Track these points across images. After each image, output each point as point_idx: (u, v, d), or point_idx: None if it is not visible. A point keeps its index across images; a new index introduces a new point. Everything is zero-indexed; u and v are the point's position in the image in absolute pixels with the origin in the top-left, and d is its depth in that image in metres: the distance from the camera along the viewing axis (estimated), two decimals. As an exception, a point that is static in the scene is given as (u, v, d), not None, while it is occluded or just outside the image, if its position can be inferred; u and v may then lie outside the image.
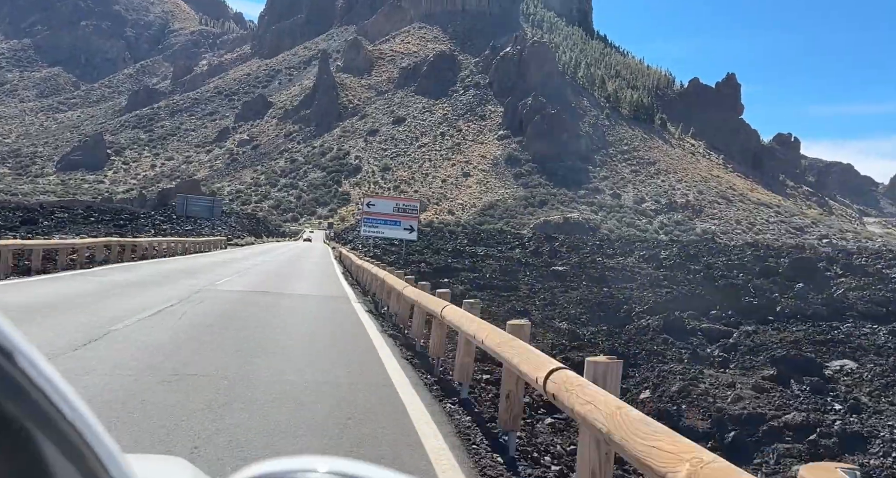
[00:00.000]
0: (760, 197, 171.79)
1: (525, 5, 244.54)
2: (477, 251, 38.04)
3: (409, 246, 36.65)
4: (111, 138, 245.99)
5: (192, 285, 15.33)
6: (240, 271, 22.14)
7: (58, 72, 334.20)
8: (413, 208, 34.23)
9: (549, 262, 33.05)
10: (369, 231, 34.38)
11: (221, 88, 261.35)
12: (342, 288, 19.53)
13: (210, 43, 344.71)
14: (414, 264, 32.35)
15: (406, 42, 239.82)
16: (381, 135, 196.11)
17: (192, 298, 12.46)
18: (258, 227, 68.67)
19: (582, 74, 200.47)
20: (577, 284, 30.47)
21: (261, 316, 10.69)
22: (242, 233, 48.73)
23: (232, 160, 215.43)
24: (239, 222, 54.25)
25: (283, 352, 7.71)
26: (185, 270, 21.61)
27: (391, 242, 40.58)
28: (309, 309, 12.39)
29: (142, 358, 6.59)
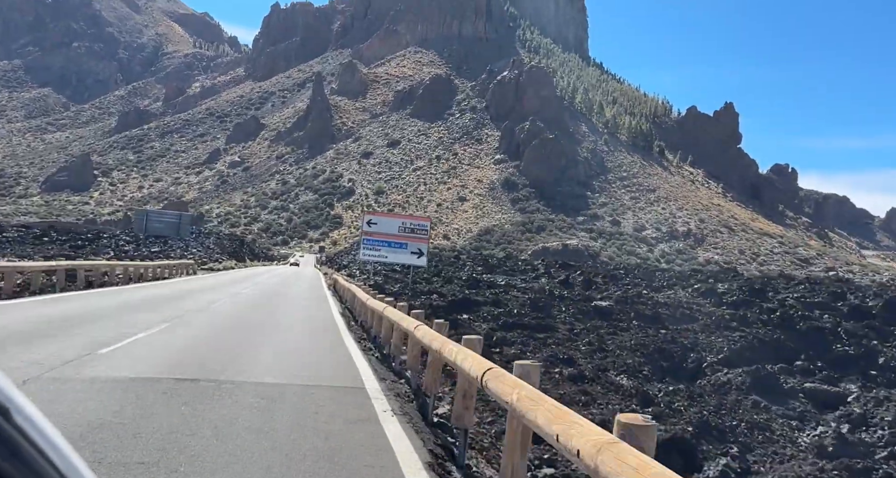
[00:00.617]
0: (762, 227, 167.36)
1: (522, 31, 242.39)
2: (496, 280, 32.11)
3: (417, 273, 30.69)
4: (99, 159, 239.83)
5: (37, 359, 7.95)
6: (180, 316, 14.54)
7: (47, 93, 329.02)
8: (423, 228, 28.26)
9: (587, 295, 27.21)
10: (370, 255, 28.36)
11: (213, 110, 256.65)
12: (349, 355, 11.16)
13: (203, 66, 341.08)
14: (423, 296, 26.41)
15: (401, 65, 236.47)
16: (375, 157, 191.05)
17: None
18: (241, 249, 61.84)
19: (580, 100, 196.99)
20: (626, 324, 24.44)
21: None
22: (222, 256, 42.61)
23: (222, 182, 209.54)
24: (219, 244, 47.80)
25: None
26: (81, 315, 13.52)
27: (395, 268, 34.73)
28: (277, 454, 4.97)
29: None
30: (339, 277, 28.16)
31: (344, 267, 42.12)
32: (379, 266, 34.73)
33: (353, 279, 29.63)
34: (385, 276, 32.18)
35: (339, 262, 54.03)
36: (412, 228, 27.98)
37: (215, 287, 27.15)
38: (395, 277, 32.13)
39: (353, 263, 42.92)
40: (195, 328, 12.75)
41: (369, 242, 28.35)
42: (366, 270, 34.18)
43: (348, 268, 39.37)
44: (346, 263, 45.86)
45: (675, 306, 24.91)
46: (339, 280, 27.45)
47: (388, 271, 34.16)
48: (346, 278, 28.26)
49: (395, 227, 28.00)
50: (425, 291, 26.97)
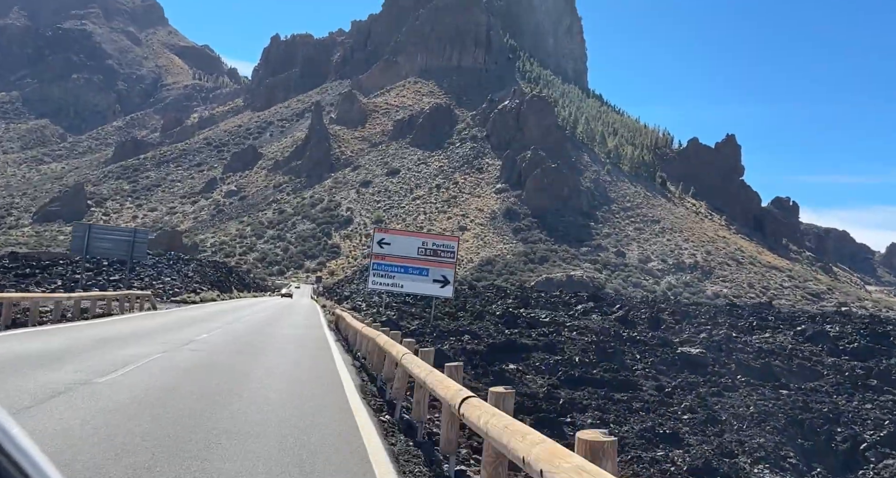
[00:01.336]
0: (770, 260, 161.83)
1: (521, 63, 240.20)
2: (538, 316, 25.80)
3: (438, 306, 24.48)
4: (93, 189, 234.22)
5: None
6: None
7: (45, 124, 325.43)
8: (449, 250, 22.15)
9: (662, 337, 20.99)
10: (381, 283, 22.16)
11: (211, 139, 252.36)
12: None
13: (203, 97, 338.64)
14: (451, 337, 20.10)
15: (401, 95, 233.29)
16: (374, 186, 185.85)
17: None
18: (228, 278, 54.84)
19: (581, 129, 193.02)
20: (729, 380, 18.17)
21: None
22: (202, 285, 36.33)
23: (218, 211, 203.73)
24: (199, 272, 41.23)
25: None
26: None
27: (407, 298, 28.53)
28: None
29: None
30: (346, 314, 21.46)
31: (346, 298, 35.85)
32: (388, 297, 28.53)
33: (358, 314, 23.39)
34: (398, 309, 25.95)
35: (340, 292, 47.42)
36: (435, 250, 21.88)
37: (170, 327, 20.15)
38: (410, 312, 25.88)
39: (357, 294, 36.55)
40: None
41: (380, 268, 22.21)
42: (373, 302, 27.93)
43: (351, 299, 33.15)
44: (347, 294, 39.49)
45: (786, 356, 18.65)
46: (346, 318, 20.54)
47: (402, 302, 27.95)
48: (354, 315, 21.79)
49: (413, 248, 21.93)
50: (452, 331, 20.76)
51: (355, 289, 41.39)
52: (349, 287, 46.53)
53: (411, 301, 28.88)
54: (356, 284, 45.11)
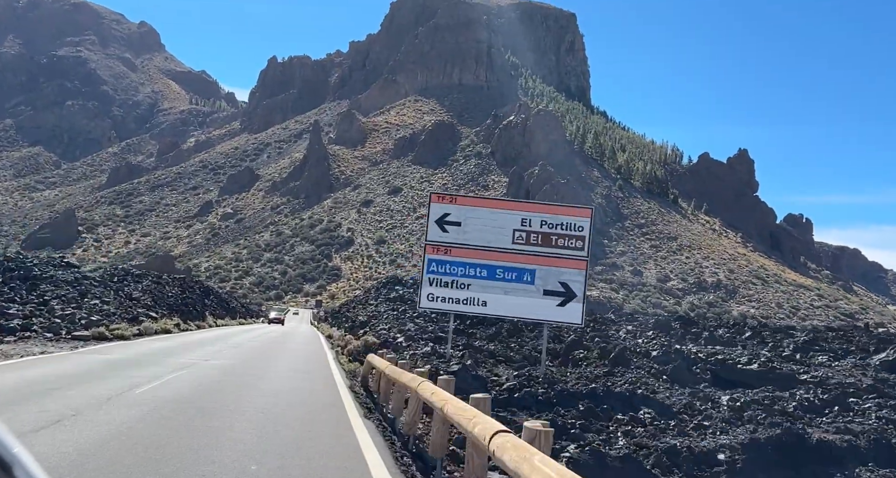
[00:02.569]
0: (794, 278, 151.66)
1: (524, 80, 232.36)
2: (734, 359, 14.87)
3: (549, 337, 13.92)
4: (84, 215, 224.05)
5: None
6: None
7: (38, 151, 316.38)
8: (578, 234, 11.53)
9: None
10: (441, 298, 11.61)
11: (207, 162, 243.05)
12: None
13: (200, 121, 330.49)
14: (600, 416, 8.89)
15: (401, 114, 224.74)
16: (375, 205, 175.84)
17: None
18: (202, 301, 42.46)
19: (590, 145, 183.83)
20: None
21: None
22: (155, 310, 25.61)
23: (213, 235, 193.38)
24: (153, 291, 29.72)
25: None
26: None
27: (467, 319, 17.74)
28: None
29: None
30: (397, 371, 9.41)
31: (364, 325, 25.19)
32: (437, 314, 17.69)
33: (393, 354, 12.88)
34: (463, 343, 15.08)
35: (352, 316, 35.68)
36: (548, 234, 11.50)
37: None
38: (476, 345, 15.15)
39: (380, 319, 25.50)
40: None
41: (441, 269, 11.90)
42: (412, 333, 17.22)
43: (372, 327, 22.61)
44: (365, 319, 28.40)
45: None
46: (400, 378, 8.85)
47: (463, 329, 17.03)
48: (391, 360, 10.37)
49: (505, 229, 11.55)
50: (593, 395, 10.09)
51: (375, 312, 30.71)
52: (364, 310, 35.25)
53: (474, 326, 18.25)
54: (376, 304, 34.53)
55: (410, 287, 39.53)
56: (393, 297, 35.04)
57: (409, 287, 40.80)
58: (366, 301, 43.40)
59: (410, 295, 33.34)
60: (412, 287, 38.24)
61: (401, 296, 35.12)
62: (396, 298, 33.96)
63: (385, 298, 36.92)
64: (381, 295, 40.77)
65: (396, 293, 36.45)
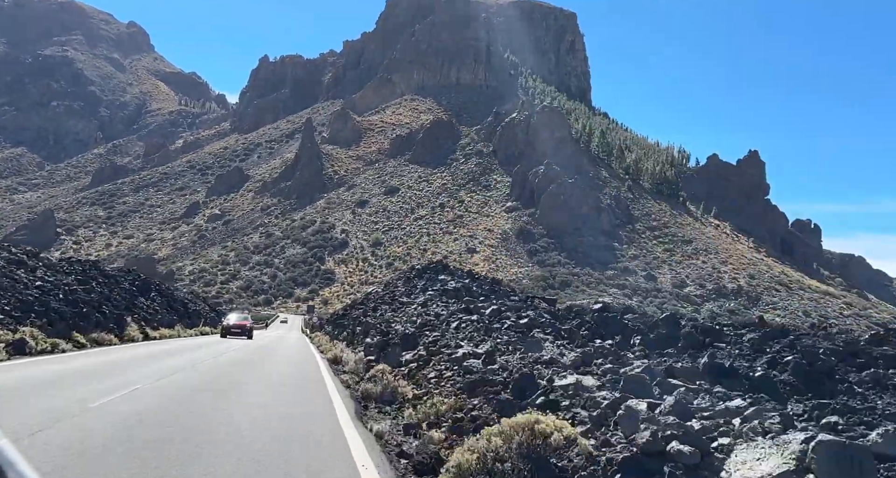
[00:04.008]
0: (818, 285, 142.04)
1: (524, 79, 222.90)
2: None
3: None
4: (64, 216, 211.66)
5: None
6: None
7: (21, 152, 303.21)
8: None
9: None
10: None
11: (194, 162, 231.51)
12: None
13: (189, 123, 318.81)
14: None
15: (397, 113, 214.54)
16: (371, 206, 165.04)
17: None
18: (130, 301, 29.24)
19: (597, 143, 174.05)
20: None
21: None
22: (28, 318, 14.58)
23: (199, 237, 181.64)
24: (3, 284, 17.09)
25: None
26: None
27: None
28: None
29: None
30: None
31: (412, 343, 12.78)
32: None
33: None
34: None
35: (377, 324, 22.40)
36: None
37: None
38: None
39: (445, 330, 12.77)
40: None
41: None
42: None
43: (438, 350, 10.80)
44: (413, 332, 14.71)
45: None
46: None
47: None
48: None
49: None
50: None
51: (428, 317, 16.70)
52: (400, 311, 20.23)
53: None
54: (421, 302, 20.29)
55: (468, 278, 24.66)
56: (446, 289, 22.30)
57: (463, 278, 27.43)
58: (394, 298, 29.29)
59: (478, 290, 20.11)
60: (472, 280, 23.21)
61: (460, 289, 22.14)
62: (453, 293, 22.07)
63: (438, 294, 23.18)
64: (420, 288, 26.95)
65: (444, 285, 23.22)
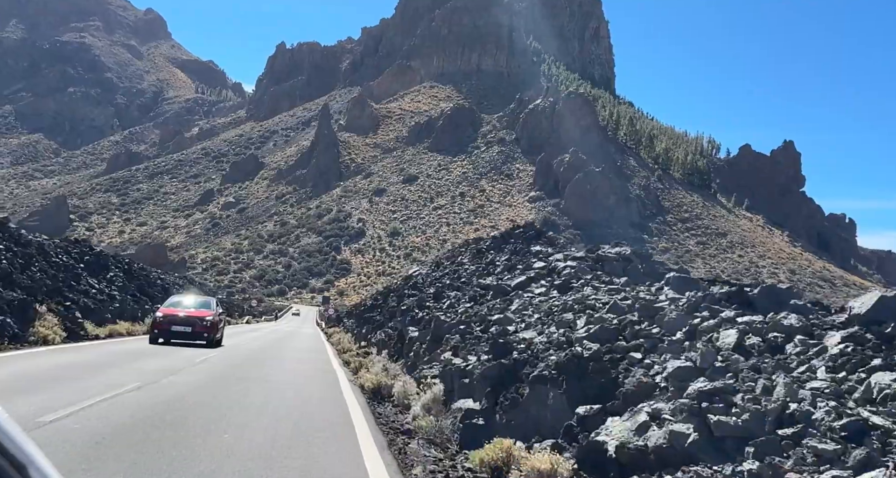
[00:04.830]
0: (861, 282, 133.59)
1: (546, 66, 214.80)
2: None
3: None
4: (78, 202, 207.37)
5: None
6: None
7: (38, 138, 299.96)
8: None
9: None
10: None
11: (209, 149, 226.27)
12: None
13: (205, 111, 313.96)
14: None
15: (416, 101, 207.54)
16: (388, 195, 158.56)
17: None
18: (80, 278, 19.95)
19: (625, 132, 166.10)
20: None
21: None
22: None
23: (213, 225, 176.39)
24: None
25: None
26: None
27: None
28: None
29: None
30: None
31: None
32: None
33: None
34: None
35: (453, 322, 12.00)
36: None
37: None
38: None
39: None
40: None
41: None
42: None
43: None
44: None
45: None
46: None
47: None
48: None
49: None
50: None
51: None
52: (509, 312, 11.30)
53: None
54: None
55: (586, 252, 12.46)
56: (556, 271, 13.30)
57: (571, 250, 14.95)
58: (462, 282, 17.48)
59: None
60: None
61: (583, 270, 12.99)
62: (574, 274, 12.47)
63: (544, 275, 13.29)
64: (502, 266, 15.50)
65: (550, 265, 14.35)
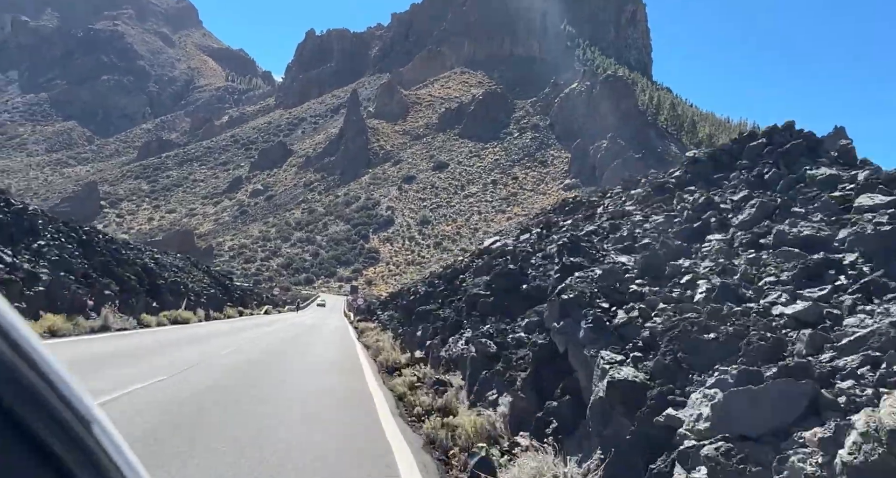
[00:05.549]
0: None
1: (581, 51, 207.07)
2: None
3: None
4: (108, 189, 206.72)
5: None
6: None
7: (72, 126, 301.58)
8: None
9: None
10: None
11: (238, 137, 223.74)
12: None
13: (235, 99, 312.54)
14: None
15: (446, 87, 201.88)
16: (418, 182, 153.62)
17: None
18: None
19: (665, 116, 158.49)
20: None
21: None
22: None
23: (241, 212, 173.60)
24: None
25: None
26: None
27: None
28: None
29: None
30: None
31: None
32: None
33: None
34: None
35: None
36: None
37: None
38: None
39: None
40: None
41: None
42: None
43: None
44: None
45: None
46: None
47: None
48: None
49: None
50: None
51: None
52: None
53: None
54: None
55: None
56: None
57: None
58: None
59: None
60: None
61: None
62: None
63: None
64: (747, 215, 7.96)
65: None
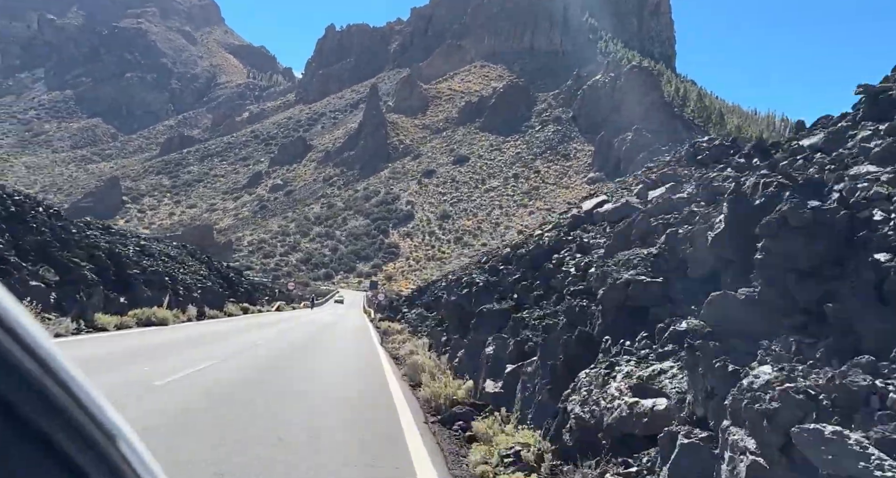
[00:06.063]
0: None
1: (604, 44, 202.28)
2: None
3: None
4: (131, 185, 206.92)
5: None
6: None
7: (96, 123, 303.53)
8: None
9: None
10: None
11: (258, 132, 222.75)
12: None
13: (256, 95, 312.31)
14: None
15: (466, 81, 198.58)
16: (438, 176, 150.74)
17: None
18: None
19: (692, 108, 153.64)
20: None
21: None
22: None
23: (261, 207, 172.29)
24: None
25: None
26: None
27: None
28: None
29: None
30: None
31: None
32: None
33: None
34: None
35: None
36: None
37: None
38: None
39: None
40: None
41: None
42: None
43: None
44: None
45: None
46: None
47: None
48: None
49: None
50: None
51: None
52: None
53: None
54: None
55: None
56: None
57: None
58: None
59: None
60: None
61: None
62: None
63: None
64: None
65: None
